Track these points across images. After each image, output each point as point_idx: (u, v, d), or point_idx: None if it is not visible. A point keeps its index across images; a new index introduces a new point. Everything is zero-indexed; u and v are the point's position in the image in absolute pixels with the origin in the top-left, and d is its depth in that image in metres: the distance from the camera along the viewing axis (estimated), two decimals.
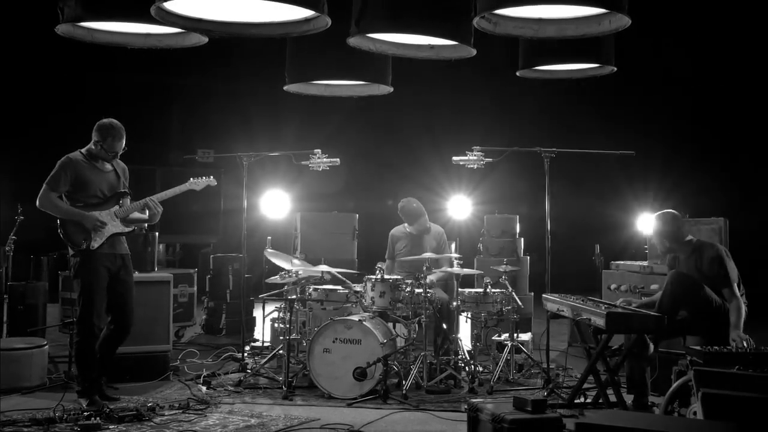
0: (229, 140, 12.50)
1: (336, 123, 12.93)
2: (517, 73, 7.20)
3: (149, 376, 7.06)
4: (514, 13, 5.63)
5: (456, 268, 7.47)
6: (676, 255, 6.46)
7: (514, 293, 7.38)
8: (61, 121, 11.25)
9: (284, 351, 6.84)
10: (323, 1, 5.27)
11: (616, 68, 6.97)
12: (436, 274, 7.68)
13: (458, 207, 10.51)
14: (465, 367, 7.18)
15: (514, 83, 8.27)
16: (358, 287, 7.38)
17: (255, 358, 7.84)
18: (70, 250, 6.34)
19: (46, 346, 6.95)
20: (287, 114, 13.05)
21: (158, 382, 7.03)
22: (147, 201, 6.52)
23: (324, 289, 7.43)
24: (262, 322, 8.50)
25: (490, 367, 7.35)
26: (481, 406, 5.20)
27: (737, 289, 6.06)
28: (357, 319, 6.75)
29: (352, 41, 5.93)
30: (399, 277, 7.35)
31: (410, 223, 8.24)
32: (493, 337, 7.74)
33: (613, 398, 5.92)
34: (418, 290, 7.11)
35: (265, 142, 11.98)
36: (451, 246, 8.59)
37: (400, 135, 14.12)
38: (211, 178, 7.04)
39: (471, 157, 7.53)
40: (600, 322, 5.62)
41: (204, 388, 6.76)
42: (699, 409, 4.47)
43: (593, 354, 6.02)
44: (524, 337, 7.77)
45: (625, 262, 8.21)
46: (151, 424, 5.70)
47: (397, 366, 6.82)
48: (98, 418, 5.61)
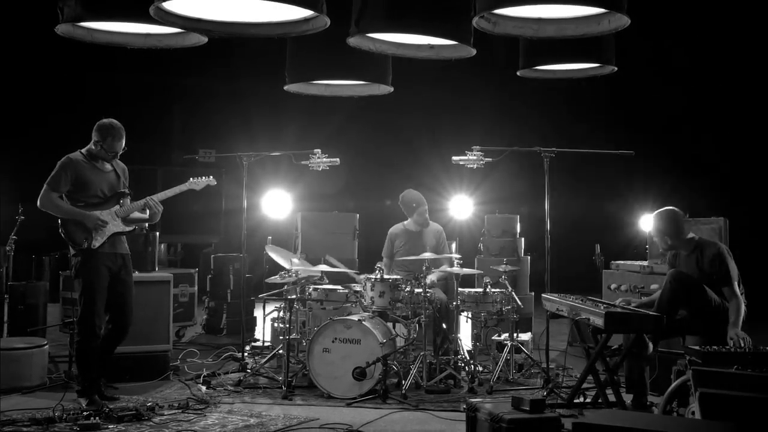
0: (230, 140, 12.51)
1: (337, 123, 12.93)
2: (518, 73, 7.21)
3: (149, 376, 7.06)
4: (514, 12, 5.63)
5: (456, 268, 7.47)
6: (678, 252, 6.45)
7: (513, 293, 7.38)
8: (62, 122, 11.25)
9: (284, 351, 6.85)
10: (322, 1, 5.28)
11: (616, 68, 6.97)
12: (436, 274, 7.68)
13: (460, 207, 10.52)
14: (465, 367, 7.18)
15: (515, 83, 8.27)
16: (358, 282, 7.38)
17: (255, 358, 7.84)
18: (71, 249, 6.34)
19: (46, 346, 6.96)
20: (288, 114, 13.05)
21: (158, 381, 7.03)
22: (147, 200, 6.52)
23: (324, 288, 7.43)
24: (262, 321, 8.50)
25: (490, 367, 7.35)
26: (480, 405, 5.21)
27: (737, 288, 6.05)
28: (356, 318, 6.75)
29: (352, 41, 5.94)
30: (398, 276, 7.35)
31: (410, 213, 8.13)
32: (493, 337, 7.74)
33: (613, 398, 5.93)
34: (417, 290, 7.11)
35: (266, 142, 11.98)
36: (452, 246, 8.58)
37: (401, 135, 14.11)
38: (211, 178, 7.04)
39: (470, 157, 7.54)
40: (599, 322, 5.62)
41: (204, 388, 6.76)
42: (697, 409, 4.47)
43: (592, 354, 6.02)
44: (524, 336, 7.77)
45: (625, 261, 8.20)
46: (151, 423, 5.71)
47: (396, 366, 6.82)
48: (98, 418, 5.62)
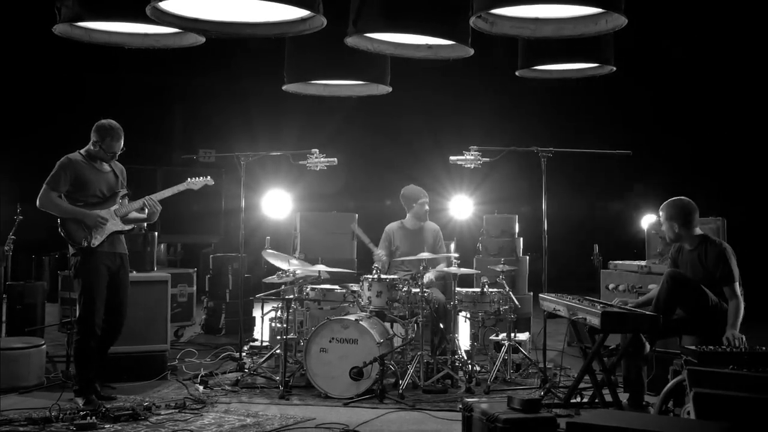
0: (231, 140, 12.52)
1: (337, 123, 12.93)
2: (516, 73, 7.20)
3: (147, 376, 7.06)
4: (511, 12, 5.62)
5: (453, 268, 7.46)
6: (681, 247, 6.42)
7: (511, 293, 7.36)
8: (62, 122, 11.27)
9: (281, 351, 6.85)
10: (318, 1, 5.28)
11: (615, 68, 6.96)
12: (434, 272, 7.67)
13: (460, 207, 10.53)
14: (462, 367, 7.18)
15: (515, 83, 8.26)
16: (354, 287, 7.38)
17: (253, 358, 7.84)
18: (71, 249, 6.36)
19: (43, 346, 6.96)
20: (289, 114, 13.05)
21: (156, 381, 7.03)
22: (145, 200, 6.53)
23: (321, 288, 7.43)
24: (260, 321, 8.51)
25: (488, 367, 7.34)
26: (476, 405, 5.20)
27: (738, 289, 6.03)
28: (354, 318, 6.74)
29: (350, 41, 5.94)
30: (396, 276, 7.34)
31: (411, 206, 8.06)
32: (491, 337, 7.74)
33: (610, 398, 5.92)
34: (415, 290, 7.10)
35: (267, 142, 12.00)
36: (450, 245, 8.57)
37: (401, 135, 14.11)
38: (208, 178, 7.05)
39: (468, 157, 7.54)
40: (595, 322, 5.61)
41: (201, 388, 6.77)
42: (692, 409, 4.46)
43: (589, 354, 6.01)
44: (522, 336, 7.76)
45: (624, 261, 8.19)
46: (147, 423, 5.71)
47: (393, 366, 6.82)
48: (94, 418, 5.62)
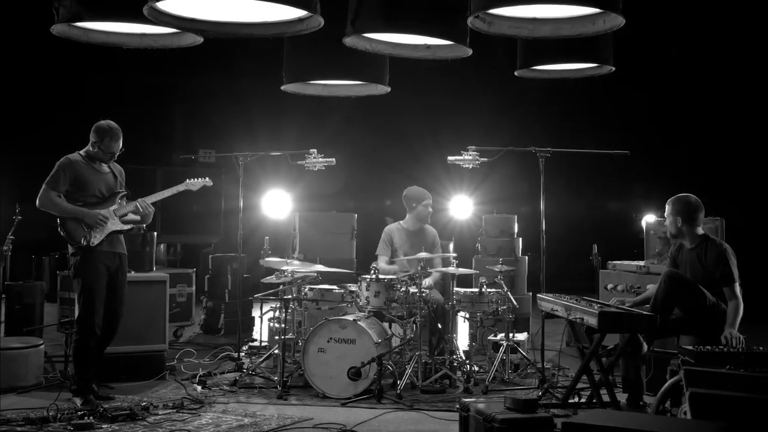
0: (231, 140, 12.52)
1: (337, 123, 12.93)
2: (515, 73, 7.20)
3: (145, 376, 7.06)
4: (509, 12, 5.62)
5: (452, 268, 7.46)
6: (682, 245, 6.42)
7: (509, 293, 7.35)
8: (62, 122, 11.26)
9: (279, 351, 6.85)
10: (316, 1, 5.28)
11: (614, 68, 6.95)
12: (433, 276, 7.67)
13: (460, 207, 10.52)
14: (460, 367, 7.17)
15: (515, 83, 8.26)
16: (353, 287, 7.38)
17: (251, 358, 7.85)
18: (70, 248, 6.37)
19: (42, 346, 6.96)
20: (289, 114, 13.05)
21: (154, 381, 7.03)
22: (137, 203, 6.54)
23: (319, 288, 7.43)
24: (259, 321, 8.52)
25: (486, 367, 7.34)
26: (473, 405, 5.20)
27: (738, 290, 6.03)
28: (351, 318, 6.73)
29: (348, 41, 5.94)
30: (394, 276, 7.34)
31: (413, 208, 8.00)
32: (489, 337, 7.73)
33: (608, 398, 5.91)
34: (413, 290, 7.10)
35: (267, 142, 11.99)
36: (449, 246, 8.56)
37: (401, 135, 14.10)
38: (207, 179, 7.07)
39: (466, 157, 7.53)
40: (592, 322, 5.61)
41: (199, 388, 6.75)
42: (688, 409, 4.46)
43: (587, 354, 6.01)
44: (520, 336, 7.75)
45: (622, 262, 8.18)
46: (145, 423, 5.71)
47: (391, 366, 6.81)
48: (92, 418, 5.63)
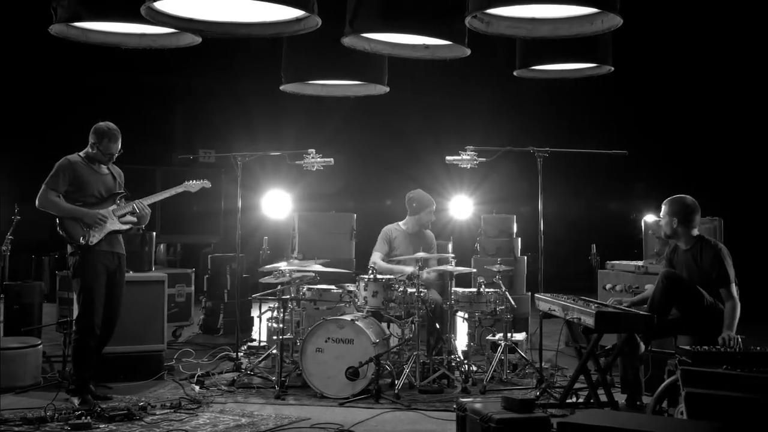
0: (231, 140, 12.51)
1: (337, 123, 12.93)
2: (515, 73, 7.19)
3: (143, 376, 7.06)
4: (507, 12, 5.61)
5: (450, 267, 7.45)
6: (676, 246, 6.41)
7: (507, 293, 7.35)
8: (62, 122, 11.27)
9: (277, 351, 6.85)
10: (313, 1, 5.27)
11: (613, 68, 6.94)
12: (433, 272, 7.67)
13: (460, 207, 10.51)
14: (458, 367, 7.17)
15: (515, 83, 8.24)
16: (351, 287, 7.38)
17: (250, 358, 7.85)
18: (69, 247, 6.40)
19: (40, 346, 6.97)
20: (289, 114, 13.06)
21: (152, 381, 7.03)
22: (134, 204, 6.56)
23: (318, 288, 7.43)
24: (258, 322, 8.52)
25: (485, 367, 7.33)
26: (470, 405, 5.20)
27: (735, 290, 6.02)
28: (349, 318, 6.73)
29: (347, 41, 5.94)
30: (392, 276, 7.33)
31: (417, 212, 7.99)
32: (487, 337, 7.72)
33: (605, 398, 5.91)
34: (411, 290, 7.09)
35: (267, 142, 11.99)
36: (448, 246, 8.55)
37: (401, 135, 14.09)
38: (205, 181, 7.09)
39: (464, 157, 7.53)
40: (589, 322, 5.61)
41: (197, 388, 6.76)
42: (684, 409, 4.46)
43: (584, 354, 6.01)
44: (518, 336, 7.74)
45: (620, 262, 8.17)
46: (142, 423, 5.71)
47: (389, 366, 6.81)
48: (89, 417, 5.64)
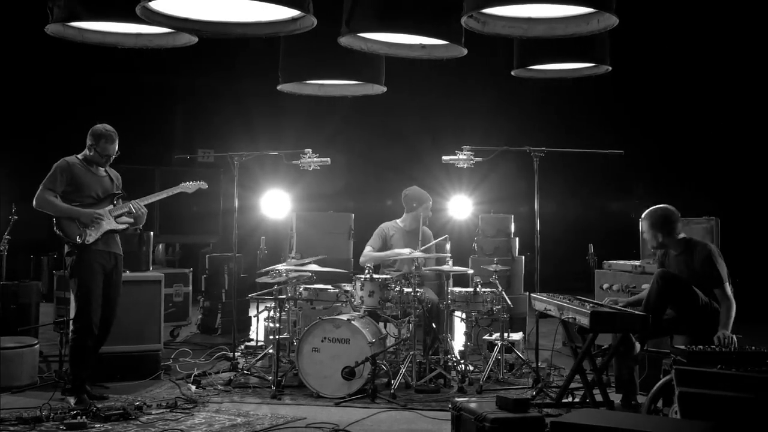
0: (231, 140, 12.51)
1: (337, 123, 12.92)
2: (512, 73, 7.18)
3: (140, 376, 7.06)
4: (503, 12, 5.61)
5: (446, 266, 7.45)
6: (667, 252, 6.41)
7: (503, 293, 7.35)
8: (63, 123, 11.27)
9: (274, 350, 6.85)
10: (308, 1, 5.27)
11: (610, 68, 6.94)
12: (429, 272, 7.66)
13: (459, 207, 10.50)
14: (455, 367, 7.16)
15: (515, 83, 8.24)
16: (347, 286, 7.38)
17: (247, 358, 7.85)
18: (66, 247, 6.42)
19: (36, 346, 6.98)
20: (288, 114, 13.06)
21: (149, 381, 7.03)
22: (131, 205, 6.56)
23: (314, 288, 7.43)
24: (256, 321, 8.52)
25: (482, 367, 7.32)
26: (465, 405, 5.21)
27: (729, 290, 6.02)
28: (345, 318, 6.73)
29: (343, 41, 5.93)
30: (388, 276, 7.33)
31: (414, 209, 7.97)
32: (484, 337, 7.72)
33: (601, 398, 5.90)
34: (407, 289, 7.09)
35: (266, 142, 11.98)
36: (445, 246, 8.54)
37: (400, 135, 14.09)
38: (201, 182, 7.10)
39: (461, 157, 7.54)
40: (584, 322, 5.60)
41: (193, 388, 6.77)
42: (677, 408, 4.46)
43: (579, 353, 6.00)
44: (515, 336, 7.74)
45: (618, 261, 8.15)
46: (137, 423, 5.72)
47: (385, 365, 6.81)
48: (85, 417, 5.64)
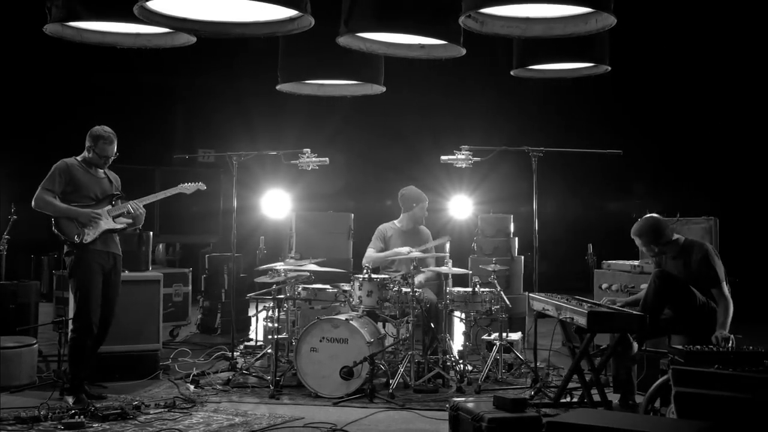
0: (231, 140, 12.49)
1: (337, 123, 12.91)
2: (512, 72, 7.18)
3: (138, 375, 7.07)
4: (501, 12, 5.60)
5: (445, 267, 7.45)
6: (665, 254, 6.42)
7: (502, 293, 7.34)
8: (63, 123, 11.28)
9: (272, 350, 6.85)
10: (306, 1, 5.27)
11: (610, 68, 6.93)
12: (425, 274, 7.66)
13: (459, 207, 10.49)
14: (454, 367, 7.16)
15: (514, 82, 8.23)
16: (346, 286, 7.37)
17: (246, 358, 7.86)
18: (65, 247, 6.44)
19: (35, 345, 6.99)
20: (288, 114, 13.05)
21: (147, 381, 7.04)
22: (129, 205, 6.57)
23: (312, 288, 7.43)
24: (255, 321, 8.53)
25: (481, 367, 7.32)
26: (463, 405, 5.21)
27: (726, 290, 6.02)
28: (344, 318, 6.73)
29: (342, 41, 5.93)
30: (387, 276, 7.33)
31: (410, 208, 7.99)
32: (483, 337, 7.72)
33: (599, 398, 5.90)
34: (405, 289, 7.08)
35: (266, 142, 11.97)
36: (445, 246, 8.53)
37: (401, 135, 14.07)
38: (200, 184, 7.11)
39: (459, 157, 7.55)
40: (582, 321, 5.60)
41: (192, 387, 6.78)
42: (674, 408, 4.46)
43: (577, 353, 6.00)
44: (514, 336, 7.74)
45: (617, 261, 8.15)
46: (135, 422, 5.72)
47: (384, 365, 6.81)
48: (82, 417, 5.65)
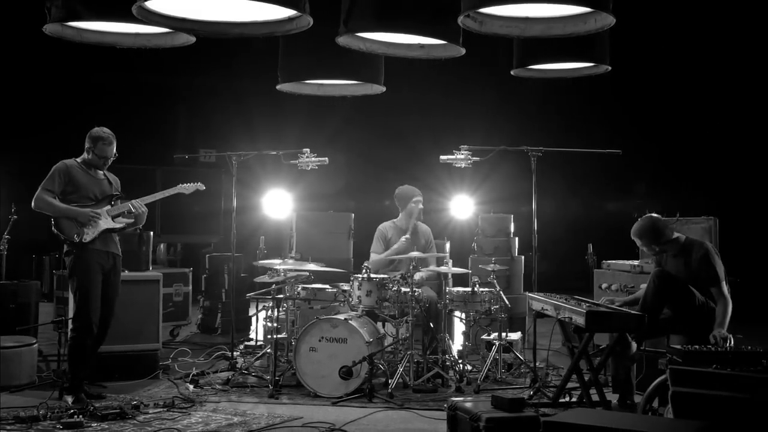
0: (232, 140, 12.51)
1: (337, 123, 12.91)
2: (512, 72, 7.17)
3: (138, 375, 7.07)
4: (500, 12, 5.60)
5: (444, 267, 7.44)
6: (666, 252, 6.41)
7: (501, 292, 7.33)
8: (64, 123, 11.28)
9: (271, 349, 6.86)
10: (304, 1, 5.28)
11: (610, 68, 6.93)
12: (424, 272, 7.66)
13: (460, 206, 10.49)
14: (453, 366, 7.16)
15: (514, 82, 8.22)
16: (345, 286, 7.38)
17: (245, 357, 7.86)
18: (65, 246, 6.46)
19: (35, 345, 7.00)
20: (289, 114, 13.06)
21: (147, 380, 7.04)
22: (129, 205, 6.58)
23: (312, 287, 7.43)
24: (255, 321, 8.53)
25: (480, 367, 7.32)
26: (461, 404, 5.22)
27: (725, 289, 6.02)
28: (343, 318, 6.73)
29: (341, 40, 5.93)
30: (386, 276, 7.33)
31: (405, 205, 8.01)
32: (482, 337, 7.72)
33: (597, 398, 5.90)
34: (405, 289, 7.08)
35: (267, 142, 11.98)
36: (445, 246, 8.54)
37: (401, 135, 14.07)
38: (199, 184, 7.12)
39: (459, 156, 7.54)
40: (580, 321, 5.60)
41: (191, 387, 6.78)
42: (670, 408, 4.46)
43: (576, 353, 6.00)
44: (513, 336, 7.74)
45: (616, 261, 8.14)
46: (134, 422, 5.73)
47: (383, 365, 6.81)
48: (81, 416, 5.65)
